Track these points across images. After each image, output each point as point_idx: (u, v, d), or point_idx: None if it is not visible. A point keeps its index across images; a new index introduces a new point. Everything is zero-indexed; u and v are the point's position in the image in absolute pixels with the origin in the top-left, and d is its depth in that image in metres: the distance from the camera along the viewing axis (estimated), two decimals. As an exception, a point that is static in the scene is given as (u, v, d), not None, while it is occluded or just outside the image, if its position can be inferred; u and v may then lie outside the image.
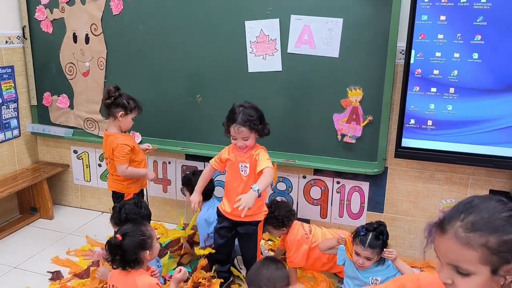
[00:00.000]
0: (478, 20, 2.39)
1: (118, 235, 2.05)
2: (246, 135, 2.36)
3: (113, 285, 2.08)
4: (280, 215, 2.60)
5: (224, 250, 2.62)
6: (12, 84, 3.44)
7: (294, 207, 3.12)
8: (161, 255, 2.70)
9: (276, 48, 2.86)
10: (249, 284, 1.99)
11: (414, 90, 2.59)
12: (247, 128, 2.33)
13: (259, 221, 2.53)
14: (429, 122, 2.61)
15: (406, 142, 2.69)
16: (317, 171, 3.06)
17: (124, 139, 2.71)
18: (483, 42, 2.41)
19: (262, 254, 2.67)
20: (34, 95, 3.57)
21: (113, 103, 2.65)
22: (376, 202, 3.00)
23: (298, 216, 3.10)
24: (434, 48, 2.50)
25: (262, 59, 2.91)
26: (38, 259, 2.99)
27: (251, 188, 2.22)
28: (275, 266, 1.97)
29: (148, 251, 2.07)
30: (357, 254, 2.31)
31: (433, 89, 2.55)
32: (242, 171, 2.45)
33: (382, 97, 2.73)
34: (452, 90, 2.52)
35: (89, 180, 3.70)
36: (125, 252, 2.00)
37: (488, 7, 2.36)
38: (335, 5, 2.70)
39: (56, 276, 2.77)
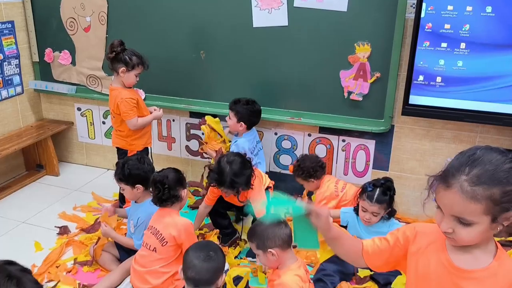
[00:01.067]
0: (493, -29, 2.29)
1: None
2: (233, 193, 2.44)
3: (151, 226, 2.20)
4: (306, 166, 2.73)
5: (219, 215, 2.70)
6: (13, 40, 3.38)
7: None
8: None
9: (282, 1, 2.77)
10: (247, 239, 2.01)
11: (424, 45, 2.51)
12: (234, 191, 2.40)
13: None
14: (438, 79, 2.55)
15: (414, 100, 2.63)
16: (322, 129, 3.03)
17: (128, 93, 2.68)
18: (497, -6, 2.31)
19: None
20: (35, 51, 3.51)
21: (115, 58, 2.61)
22: (381, 160, 2.98)
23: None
24: (446, 1, 2.40)
25: (268, 13, 2.82)
26: (46, 214, 3.04)
27: None
28: (269, 224, 1.86)
29: (185, 190, 2.22)
30: (364, 210, 2.31)
31: (444, 44, 2.48)
32: None
33: (390, 53, 2.66)
34: (463, 45, 2.44)
35: (93, 138, 3.70)
36: (168, 187, 2.13)
37: (505, -43, 2.25)
38: (344, -44, 2.59)
39: (63, 230, 2.82)
